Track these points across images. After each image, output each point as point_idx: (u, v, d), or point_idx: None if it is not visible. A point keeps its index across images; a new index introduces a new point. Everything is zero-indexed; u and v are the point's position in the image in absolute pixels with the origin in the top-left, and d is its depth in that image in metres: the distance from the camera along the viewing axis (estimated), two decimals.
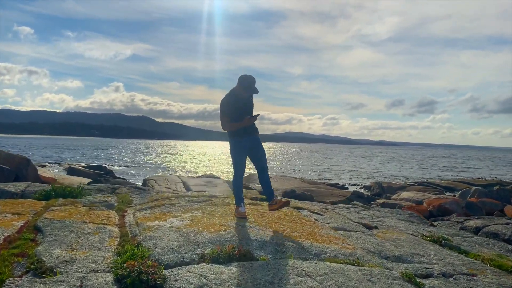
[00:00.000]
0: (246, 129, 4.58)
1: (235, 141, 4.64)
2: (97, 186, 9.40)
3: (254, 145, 4.66)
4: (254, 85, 4.46)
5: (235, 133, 4.62)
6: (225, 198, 5.21)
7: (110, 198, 5.29)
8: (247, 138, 4.61)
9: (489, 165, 74.60)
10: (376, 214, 6.40)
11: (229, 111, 4.52)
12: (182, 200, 5.01)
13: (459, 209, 16.07)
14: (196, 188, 20.99)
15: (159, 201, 5.01)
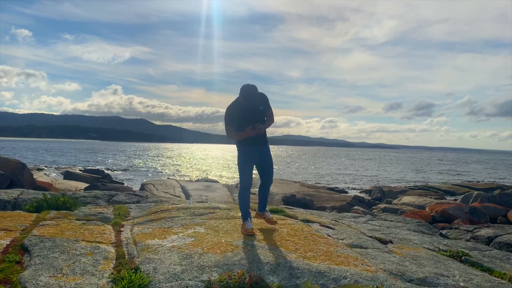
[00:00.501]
0: (254, 139, 4.31)
1: (241, 151, 4.38)
2: (93, 193, 9.05)
3: (262, 156, 4.40)
4: (252, 93, 4.15)
5: (242, 142, 4.35)
6: (228, 209, 4.84)
7: (106, 210, 4.93)
8: (255, 148, 4.34)
9: (488, 168, 74.46)
10: (385, 225, 6.07)
11: (231, 120, 4.25)
12: (183, 212, 4.66)
13: (462, 215, 15.76)
14: (195, 193, 20.66)
15: (158, 214, 4.65)
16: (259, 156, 4.37)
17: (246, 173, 4.32)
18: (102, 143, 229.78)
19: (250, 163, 4.34)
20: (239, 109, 4.20)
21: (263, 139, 4.40)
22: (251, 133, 4.13)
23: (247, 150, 4.32)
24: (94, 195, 8.85)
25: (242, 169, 4.36)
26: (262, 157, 4.38)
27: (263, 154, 4.39)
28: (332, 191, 27.67)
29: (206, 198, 18.51)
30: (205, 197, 18.97)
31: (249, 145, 4.31)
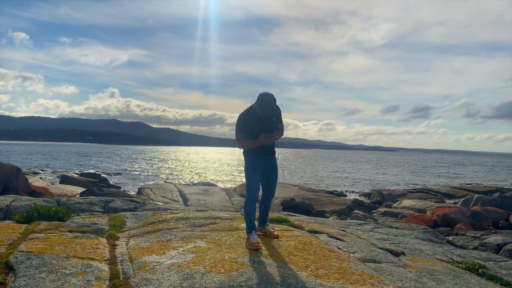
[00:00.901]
0: (263, 149, 4.13)
1: (249, 160, 4.20)
2: (89, 199, 8.75)
3: (268, 168, 4.22)
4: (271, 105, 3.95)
5: (250, 151, 4.16)
6: (230, 219, 4.54)
7: (101, 220, 4.63)
8: (263, 158, 4.17)
9: (485, 170, 74.44)
10: (393, 232, 5.80)
11: (243, 127, 4.05)
12: (183, 223, 4.38)
13: (464, 219, 15.53)
14: (193, 197, 20.36)
15: (156, 225, 4.36)
16: (265, 167, 4.20)
17: (255, 183, 4.14)
18: (99, 146, 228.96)
19: (258, 173, 4.15)
20: (253, 118, 4.03)
21: (271, 150, 4.25)
22: (263, 141, 3.97)
23: (255, 159, 4.15)
24: (90, 201, 8.55)
25: (250, 179, 4.16)
26: (268, 168, 4.22)
27: (269, 165, 4.23)
28: (331, 194, 27.41)
29: (205, 203, 18.22)
30: (203, 201, 18.67)
31: (257, 154, 4.15)
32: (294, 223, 4.65)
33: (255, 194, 4.13)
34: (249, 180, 4.17)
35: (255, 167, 4.12)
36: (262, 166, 4.16)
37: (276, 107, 4.12)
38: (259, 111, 3.95)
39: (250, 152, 4.16)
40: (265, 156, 4.17)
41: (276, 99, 4.01)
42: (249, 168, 4.17)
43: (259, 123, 4.01)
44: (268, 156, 4.20)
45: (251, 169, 4.15)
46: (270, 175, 4.23)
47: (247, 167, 4.20)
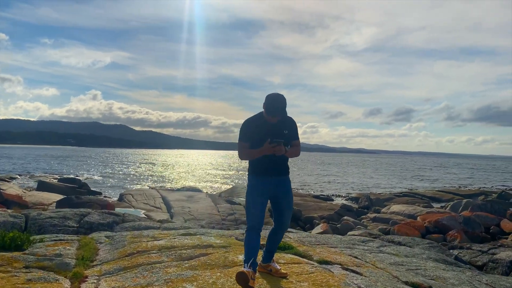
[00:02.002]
0: (271, 165, 3.39)
1: (251, 180, 3.47)
2: (62, 212, 7.96)
3: (279, 190, 3.44)
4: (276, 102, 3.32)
5: (254, 169, 3.45)
6: (225, 248, 3.76)
7: (68, 248, 3.85)
8: (270, 178, 3.40)
9: (466, 173, 75.40)
10: (402, 252, 5.24)
11: (246, 134, 3.38)
12: (167, 255, 3.59)
13: (456, 225, 15.20)
14: (177, 204, 19.54)
15: (134, 258, 3.55)
16: (275, 190, 3.42)
17: (255, 208, 3.36)
18: (80, 149, 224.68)
19: (261, 196, 3.39)
20: (260, 124, 3.38)
21: (282, 168, 3.48)
22: (270, 150, 3.23)
23: (260, 180, 3.41)
24: (63, 215, 7.77)
25: (250, 203, 3.41)
26: (279, 191, 3.44)
27: (281, 188, 3.44)
28: (318, 199, 26.91)
29: (189, 210, 17.45)
30: (188, 209, 17.90)
31: (263, 173, 3.40)
32: (300, 251, 3.97)
33: (255, 222, 3.33)
34: (249, 204, 3.40)
35: (257, 188, 3.38)
36: (269, 188, 3.39)
37: (289, 119, 3.49)
38: (265, 111, 3.34)
39: (253, 168, 3.44)
40: (274, 175, 3.40)
41: (286, 102, 3.38)
42: (250, 189, 3.43)
43: (267, 130, 3.33)
44: (278, 176, 3.42)
45: (251, 192, 3.40)
46: (282, 200, 3.45)
47: (248, 188, 3.45)
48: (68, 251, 3.68)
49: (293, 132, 3.47)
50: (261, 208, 3.38)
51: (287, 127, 3.43)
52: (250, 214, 3.39)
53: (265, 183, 3.38)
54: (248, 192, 3.46)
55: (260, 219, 3.36)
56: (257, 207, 3.35)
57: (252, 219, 3.35)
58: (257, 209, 3.35)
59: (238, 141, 3.40)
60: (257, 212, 3.35)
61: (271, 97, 3.34)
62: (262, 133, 3.31)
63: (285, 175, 3.48)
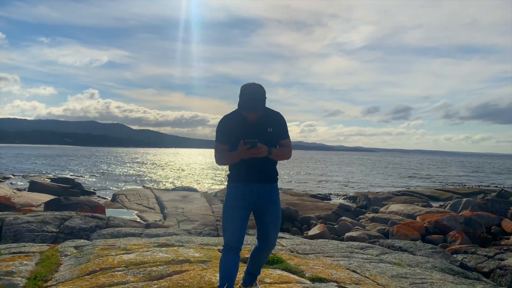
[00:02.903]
0: (251, 171, 2.80)
1: (229, 189, 2.90)
2: (41, 216, 7.47)
3: (262, 200, 2.83)
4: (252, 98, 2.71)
5: (232, 176, 2.89)
6: (203, 263, 3.23)
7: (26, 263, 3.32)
8: (251, 186, 2.81)
9: (464, 171, 75.20)
10: (405, 260, 4.81)
11: (223, 135, 2.83)
12: (134, 273, 3.09)
13: (457, 226, 14.80)
14: (170, 205, 19.04)
15: (95, 277, 3.05)
16: (258, 200, 2.82)
17: (233, 223, 2.75)
18: (77, 148, 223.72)
19: (241, 208, 2.78)
20: (238, 122, 2.81)
21: (266, 173, 2.84)
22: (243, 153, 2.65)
23: (239, 188, 2.82)
24: (42, 219, 7.30)
25: (227, 217, 2.81)
26: (262, 202, 2.82)
27: (265, 198, 2.82)
28: (315, 198, 26.49)
29: (183, 211, 16.98)
30: (182, 209, 17.43)
31: (242, 180, 2.82)
32: (291, 265, 3.46)
33: (232, 241, 2.73)
34: (224, 217, 2.81)
35: (236, 198, 2.78)
36: (250, 198, 2.79)
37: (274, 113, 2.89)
38: (239, 107, 2.76)
39: (232, 175, 2.88)
40: (256, 182, 2.80)
41: (265, 91, 2.77)
42: (227, 199, 2.84)
43: (246, 129, 2.76)
44: (261, 183, 2.81)
45: (229, 201, 2.82)
46: (266, 212, 2.83)
47: (225, 199, 2.87)
48: (23, 268, 3.21)
49: (280, 129, 2.87)
50: (241, 224, 2.75)
51: (272, 123, 2.83)
52: (226, 230, 2.79)
53: (245, 192, 2.79)
54: (225, 203, 2.86)
55: (238, 237, 2.74)
56: (235, 221, 2.75)
57: (228, 237, 2.74)
58: (236, 224, 2.74)
59: (215, 143, 2.85)
60: (235, 228, 2.74)
61: (245, 89, 2.73)
62: (240, 133, 2.73)
63: (270, 182, 2.86)
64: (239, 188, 2.81)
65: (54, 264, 3.35)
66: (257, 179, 2.80)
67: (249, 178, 2.80)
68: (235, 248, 2.72)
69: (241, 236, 2.76)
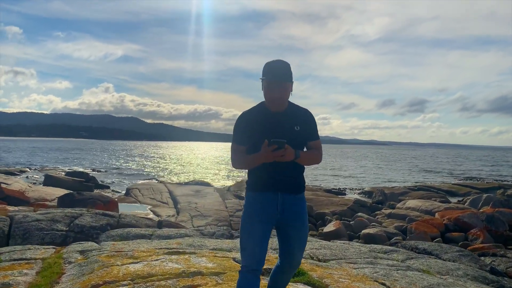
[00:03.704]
0: (275, 178, 2.34)
1: (249, 198, 2.46)
2: (51, 214, 7.30)
3: (287, 213, 2.38)
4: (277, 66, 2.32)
5: (252, 184, 2.44)
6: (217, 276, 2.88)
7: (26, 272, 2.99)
8: (274, 196, 2.36)
9: (482, 165, 73.66)
10: (433, 267, 4.45)
11: (241, 134, 2.39)
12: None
13: (479, 223, 14.30)
14: (183, 199, 18.93)
15: None
16: (282, 213, 2.36)
17: (252, 240, 2.32)
18: (92, 142, 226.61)
19: (262, 222, 2.34)
20: (260, 118, 2.37)
21: (293, 180, 2.40)
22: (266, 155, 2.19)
23: (260, 198, 2.37)
24: (52, 217, 7.12)
25: (245, 232, 2.37)
26: (287, 215, 2.37)
27: (290, 210, 2.37)
28: (330, 193, 26.09)
29: (196, 206, 16.83)
30: (195, 204, 17.29)
31: (264, 189, 2.36)
32: (314, 279, 3.08)
33: (251, 261, 2.29)
34: (242, 232, 2.38)
35: (256, 210, 2.35)
36: (273, 210, 2.35)
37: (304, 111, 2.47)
38: (265, 82, 2.32)
39: (252, 182, 2.43)
40: (280, 191, 2.36)
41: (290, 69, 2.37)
42: (246, 211, 2.42)
43: (269, 126, 2.33)
44: (286, 192, 2.37)
45: (248, 213, 2.39)
46: (289, 228, 2.40)
47: (244, 211, 2.44)
48: (21, 279, 2.95)
49: (308, 128, 2.45)
50: (262, 242, 2.32)
51: (299, 121, 2.40)
52: (245, 249, 2.33)
53: (268, 204, 2.34)
54: (243, 216, 2.42)
55: (259, 257, 2.30)
56: (255, 239, 2.30)
57: (247, 258, 2.30)
58: (256, 242, 2.30)
59: (232, 143, 2.42)
60: (256, 247, 2.30)
61: (269, 62, 2.36)
62: (262, 129, 2.31)
63: (297, 192, 2.40)
64: (260, 198, 2.36)
65: (55, 274, 3.11)
66: (282, 188, 2.35)
67: (273, 187, 2.35)
68: (255, 271, 2.29)
69: (262, 257, 2.32)
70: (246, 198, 2.47)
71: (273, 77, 2.28)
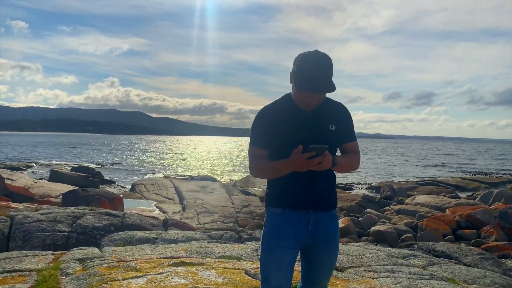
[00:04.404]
0: (307, 191, 1.88)
1: (272, 216, 1.96)
2: (53, 214, 7.07)
3: (320, 235, 1.92)
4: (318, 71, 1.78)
5: (277, 196, 1.94)
6: None
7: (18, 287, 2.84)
8: (305, 214, 1.90)
9: (489, 158, 72.94)
10: (458, 274, 4.18)
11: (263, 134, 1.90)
12: None
13: (492, 220, 13.97)
14: (189, 195, 18.72)
15: None
16: (312, 234, 1.90)
17: (276, 268, 1.88)
18: (97, 136, 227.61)
19: (290, 248, 1.89)
20: (287, 116, 1.89)
21: (325, 195, 1.94)
22: (299, 163, 1.73)
23: (288, 217, 1.90)
24: (54, 217, 6.90)
25: (269, 260, 1.90)
26: (319, 236, 1.91)
27: (322, 231, 1.92)
28: (337, 188, 25.67)
29: (202, 203, 16.62)
30: (201, 201, 17.08)
31: (293, 205, 1.89)
32: None
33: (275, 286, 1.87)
34: (264, 256, 1.93)
35: (282, 231, 1.89)
36: (304, 231, 1.90)
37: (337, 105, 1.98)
38: (296, 85, 1.82)
39: (276, 196, 1.94)
40: (312, 207, 1.90)
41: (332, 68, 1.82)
42: (269, 232, 1.94)
43: (300, 126, 1.87)
44: (319, 209, 1.91)
45: (271, 234, 1.92)
46: (320, 250, 1.95)
47: (265, 227, 1.97)
48: None
49: (345, 128, 1.98)
50: (289, 270, 1.90)
51: (334, 119, 1.94)
52: (268, 280, 1.90)
53: (298, 224, 1.89)
54: (266, 239, 1.93)
55: (285, 281, 1.88)
56: (282, 268, 1.87)
57: (264, 281, 1.91)
58: (283, 272, 1.87)
59: (249, 145, 1.94)
60: (282, 276, 1.87)
61: (307, 57, 1.80)
62: (290, 131, 1.85)
63: (330, 209, 1.97)
64: (288, 217, 1.89)
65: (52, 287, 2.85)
66: (314, 204, 1.89)
67: (304, 203, 1.88)
68: None
69: (289, 283, 1.91)
70: (269, 216, 1.97)
71: (315, 89, 1.79)
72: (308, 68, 1.77)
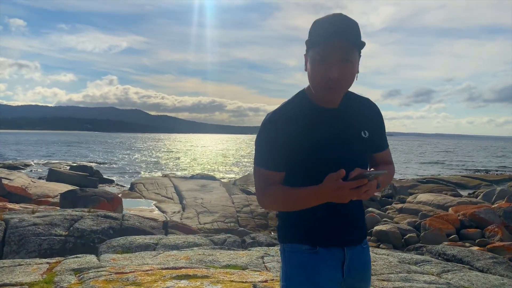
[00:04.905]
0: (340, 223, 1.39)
1: (296, 259, 1.42)
2: (49, 217, 6.85)
3: (354, 274, 1.43)
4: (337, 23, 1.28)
5: (301, 230, 1.40)
6: None
7: None
8: (339, 252, 1.41)
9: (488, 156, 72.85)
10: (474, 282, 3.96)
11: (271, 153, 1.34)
12: None
13: (496, 219, 13.82)
14: (189, 195, 18.50)
15: None
16: (347, 273, 1.42)
17: None
18: (96, 134, 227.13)
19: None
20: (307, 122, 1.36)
21: (357, 225, 1.45)
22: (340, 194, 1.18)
23: (318, 258, 1.38)
24: (50, 221, 6.67)
25: None
26: (353, 275, 1.43)
27: (356, 268, 1.44)
28: None
29: (202, 202, 16.41)
30: (201, 200, 16.86)
31: (325, 243, 1.39)
32: None
33: None
34: None
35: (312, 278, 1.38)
36: (339, 274, 1.41)
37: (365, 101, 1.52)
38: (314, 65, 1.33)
39: (299, 230, 1.41)
40: (345, 244, 1.41)
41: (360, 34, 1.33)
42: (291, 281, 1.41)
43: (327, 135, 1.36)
44: (354, 243, 1.44)
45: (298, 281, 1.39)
46: None
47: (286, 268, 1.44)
48: None
49: (379, 133, 1.51)
50: None
51: (366, 122, 1.47)
52: None
53: (331, 265, 1.40)
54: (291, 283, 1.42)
55: None
56: None
57: None
58: None
59: (254, 166, 1.40)
60: None
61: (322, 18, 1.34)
62: (313, 144, 1.34)
63: (363, 240, 1.49)
64: (320, 258, 1.40)
65: None
66: (349, 238, 1.43)
67: (338, 238, 1.41)
68: None
69: None
70: (291, 257, 1.44)
71: (330, 36, 1.27)
72: (322, 22, 1.33)
